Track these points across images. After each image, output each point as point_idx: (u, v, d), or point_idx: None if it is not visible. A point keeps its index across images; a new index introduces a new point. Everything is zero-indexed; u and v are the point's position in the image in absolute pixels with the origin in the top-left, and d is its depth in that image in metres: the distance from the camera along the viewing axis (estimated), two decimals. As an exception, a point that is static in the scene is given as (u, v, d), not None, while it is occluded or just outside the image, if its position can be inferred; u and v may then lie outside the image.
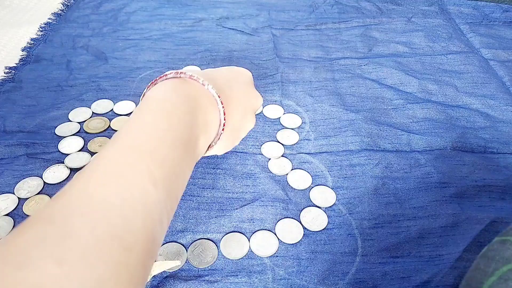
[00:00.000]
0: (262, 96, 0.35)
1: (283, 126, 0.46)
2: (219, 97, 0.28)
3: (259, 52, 0.59)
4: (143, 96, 0.27)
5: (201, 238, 0.34)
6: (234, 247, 0.34)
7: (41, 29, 0.61)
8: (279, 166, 0.41)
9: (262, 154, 0.43)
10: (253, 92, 0.35)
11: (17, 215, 0.35)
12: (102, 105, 0.47)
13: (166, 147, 0.23)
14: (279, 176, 0.40)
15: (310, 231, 0.35)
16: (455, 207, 0.37)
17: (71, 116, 0.46)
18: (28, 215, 0.35)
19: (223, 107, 0.28)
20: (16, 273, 0.15)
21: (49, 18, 0.63)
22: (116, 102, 0.48)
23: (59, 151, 0.41)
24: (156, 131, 0.23)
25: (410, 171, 0.41)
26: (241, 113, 0.32)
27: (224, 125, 0.29)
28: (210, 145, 0.29)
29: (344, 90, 0.52)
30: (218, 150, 0.32)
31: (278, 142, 0.44)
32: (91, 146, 0.42)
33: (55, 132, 0.43)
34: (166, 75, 0.27)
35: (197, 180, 0.39)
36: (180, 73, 0.27)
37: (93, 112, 0.47)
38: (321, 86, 0.52)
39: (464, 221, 0.36)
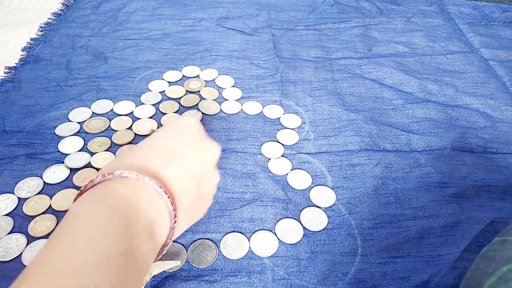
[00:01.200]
0: (219, 144, 0.29)
1: (283, 126, 0.46)
2: (160, 187, 0.23)
3: (258, 52, 0.59)
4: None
5: (201, 238, 0.34)
6: (234, 247, 0.34)
7: (41, 29, 0.61)
8: (279, 166, 0.41)
9: (262, 154, 0.43)
10: (204, 145, 0.28)
11: (17, 215, 0.35)
12: (102, 105, 0.47)
13: (87, 277, 0.18)
14: (279, 176, 0.40)
15: (310, 231, 0.35)
16: (455, 207, 0.37)
17: (71, 116, 0.46)
18: (28, 215, 0.35)
19: (168, 198, 0.24)
20: None
21: (49, 18, 0.63)
22: (116, 102, 0.48)
23: (59, 151, 0.41)
24: (77, 262, 0.19)
25: (410, 171, 0.41)
26: (198, 178, 0.27)
27: (175, 216, 0.24)
28: (164, 244, 0.25)
29: (344, 90, 0.52)
30: (186, 226, 0.28)
31: (278, 142, 0.44)
32: (91, 146, 0.42)
33: (55, 132, 0.43)
34: (92, 181, 0.23)
35: (197, 180, 0.39)
36: (108, 174, 0.23)
37: (93, 112, 0.47)
38: (321, 86, 0.52)
39: (464, 221, 0.36)
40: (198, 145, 0.28)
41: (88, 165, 0.40)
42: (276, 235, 0.35)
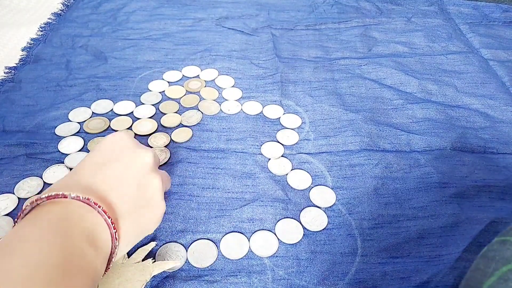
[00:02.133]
0: (150, 149, 0.30)
1: (283, 126, 0.46)
2: (88, 199, 0.24)
3: (258, 52, 0.59)
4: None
5: (201, 238, 0.34)
6: (234, 247, 0.34)
7: (40, 29, 0.61)
8: (279, 166, 0.41)
9: (262, 154, 0.43)
10: (134, 152, 0.29)
11: (17, 215, 0.35)
12: (102, 105, 0.47)
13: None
14: (279, 176, 0.40)
15: (310, 231, 0.35)
16: (455, 207, 0.37)
17: (71, 116, 0.46)
18: (27, 215, 0.35)
19: (100, 207, 0.24)
20: None
21: (48, 18, 0.63)
22: (116, 102, 0.48)
23: (59, 151, 0.41)
24: (11, 275, 0.19)
25: (410, 171, 0.41)
26: (134, 183, 0.27)
27: (113, 223, 0.25)
28: (112, 252, 0.25)
29: (343, 90, 0.52)
30: (141, 233, 0.28)
31: (278, 142, 0.44)
32: (91, 146, 0.42)
33: (55, 132, 0.43)
34: (23, 211, 0.24)
35: (197, 180, 0.39)
36: (36, 200, 0.23)
37: (93, 112, 0.47)
38: (320, 86, 0.52)
39: (464, 221, 0.36)
40: (127, 153, 0.28)
41: (88, 165, 0.40)
42: (276, 235, 0.35)
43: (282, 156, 0.42)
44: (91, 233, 0.24)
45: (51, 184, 0.38)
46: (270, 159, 0.42)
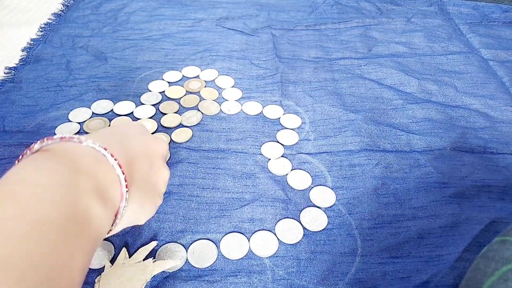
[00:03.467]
0: (166, 142, 0.30)
1: (283, 126, 0.46)
2: (105, 149, 0.22)
3: (258, 52, 0.59)
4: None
5: (201, 238, 0.34)
6: (234, 247, 0.34)
7: (41, 29, 0.61)
8: (279, 166, 0.41)
9: (262, 154, 0.43)
10: (153, 138, 0.29)
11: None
12: (102, 105, 0.47)
13: (24, 239, 0.17)
14: (279, 176, 0.40)
15: (310, 231, 0.35)
16: (455, 207, 0.37)
17: (71, 116, 0.46)
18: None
19: (116, 160, 0.23)
20: None
21: (49, 19, 0.63)
22: (116, 102, 0.48)
23: (59, 151, 0.41)
24: (12, 221, 0.17)
25: (410, 171, 0.41)
26: (147, 163, 0.27)
27: (126, 181, 0.23)
28: (117, 212, 0.23)
29: (343, 90, 0.52)
30: (137, 217, 0.26)
31: (278, 142, 0.44)
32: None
33: (55, 132, 0.43)
34: (30, 148, 0.22)
35: (197, 180, 0.39)
36: (47, 139, 0.22)
37: (93, 112, 0.47)
38: (320, 86, 0.52)
39: (464, 221, 0.36)
40: (147, 137, 0.29)
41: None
42: (276, 235, 0.35)
43: (282, 156, 0.42)
44: (102, 189, 0.21)
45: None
46: (270, 159, 0.42)
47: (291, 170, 0.41)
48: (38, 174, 0.20)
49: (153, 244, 0.33)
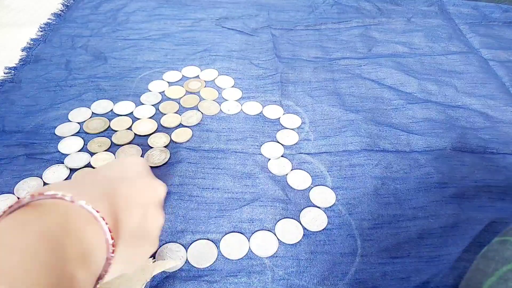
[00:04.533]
0: (164, 184, 0.28)
1: (283, 126, 0.46)
2: (97, 212, 0.22)
3: (258, 52, 0.59)
4: None
5: (201, 238, 0.34)
6: (234, 247, 0.34)
7: (40, 29, 0.61)
8: (279, 166, 0.41)
9: (262, 154, 0.43)
10: (150, 183, 0.27)
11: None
12: (101, 105, 0.47)
13: None
14: (279, 176, 0.40)
15: (310, 231, 0.35)
16: (455, 207, 0.37)
17: (70, 116, 0.46)
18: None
19: (106, 223, 0.22)
20: None
21: (48, 19, 0.63)
22: (116, 102, 0.48)
23: (58, 151, 0.41)
24: None
25: (410, 172, 0.41)
26: (140, 212, 0.25)
27: (113, 245, 0.22)
28: (99, 276, 0.22)
29: (343, 90, 0.52)
30: (124, 268, 0.25)
31: (278, 142, 0.44)
32: (91, 146, 0.42)
33: (55, 132, 0.43)
34: (19, 201, 0.20)
35: (197, 180, 0.39)
36: (39, 194, 0.21)
37: (92, 112, 0.46)
38: (320, 86, 0.52)
39: (464, 222, 0.36)
40: (142, 182, 0.27)
41: (88, 166, 0.40)
42: (276, 235, 0.35)
43: (282, 156, 0.42)
44: (87, 252, 0.21)
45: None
46: (270, 159, 0.42)
47: (291, 170, 0.41)
48: (28, 236, 0.19)
49: None
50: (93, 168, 0.40)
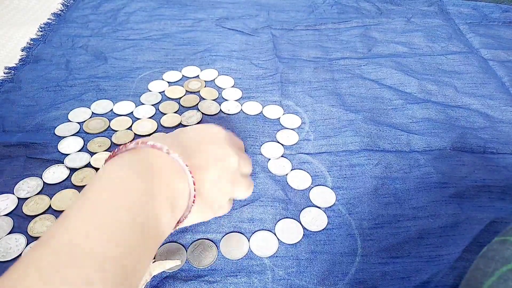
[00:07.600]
0: (233, 156, 0.30)
1: (283, 126, 0.46)
2: (186, 165, 0.25)
3: (258, 52, 0.59)
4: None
5: (201, 238, 0.34)
6: (234, 247, 0.34)
7: (40, 29, 0.61)
8: (279, 166, 0.41)
9: (262, 154, 0.43)
10: (227, 152, 0.29)
11: (17, 215, 0.35)
12: (101, 105, 0.47)
13: (113, 239, 0.20)
14: (279, 176, 0.40)
15: (310, 231, 0.35)
16: (454, 207, 0.37)
17: (70, 116, 0.46)
18: (27, 215, 0.35)
19: (192, 176, 0.25)
20: None
21: (48, 18, 0.63)
22: (116, 102, 0.48)
23: (58, 151, 0.41)
24: (103, 219, 0.20)
25: (410, 171, 0.41)
26: (215, 179, 0.28)
27: (194, 196, 0.26)
28: (179, 220, 0.26)
29: (343, 90, 0.52)
30: (190, 221, 0.28)
31: (278, 142, 0.44)
32: (91, 146, 0.42)
33: (55, 132, 0.43)
34: (126, 145, 0.25)
35: (197, 180, 0.39)
36: (141, 143, 0.25)
37: (92, 112, 0.47)
38: (320, 86, 0.52)
39: (464, 221, 0.36)
40: (223, 150, 0.29)
41: (88, 166, 0.40)
42: (276, 235, 0.35)
43: (282, 156, 0.42)
44: (174, 198, 0.24)
45: (51, 184, 0.38)
46: (270, 159, 0.42)
47: (291, 170, 0.41)
48: (130, 176, 0.23)
49: None
50: (93, 168, 0.40)
